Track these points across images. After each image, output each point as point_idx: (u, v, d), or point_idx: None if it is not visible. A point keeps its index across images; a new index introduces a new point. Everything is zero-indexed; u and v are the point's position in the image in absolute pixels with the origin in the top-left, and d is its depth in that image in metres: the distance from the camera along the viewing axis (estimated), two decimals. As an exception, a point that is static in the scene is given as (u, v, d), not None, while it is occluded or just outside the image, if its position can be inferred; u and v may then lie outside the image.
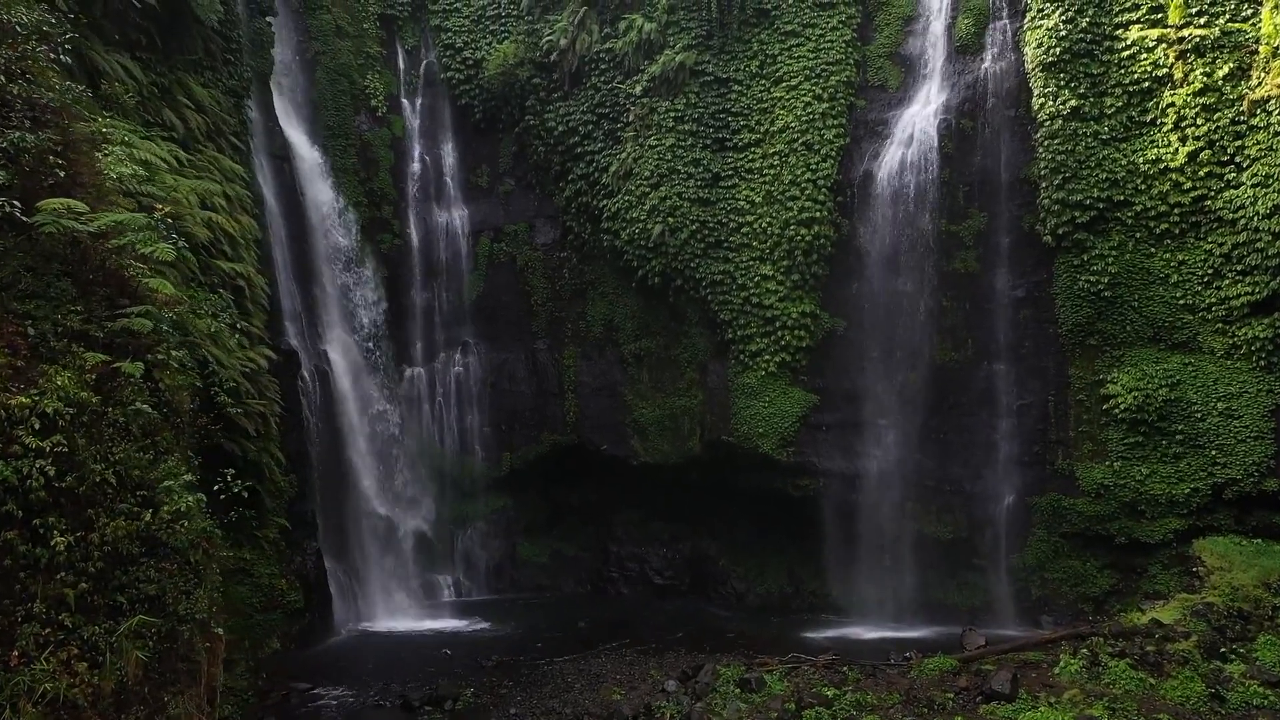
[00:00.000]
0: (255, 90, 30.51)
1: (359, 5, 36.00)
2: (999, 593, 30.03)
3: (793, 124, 32.08)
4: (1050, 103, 29.00)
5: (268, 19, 31.63)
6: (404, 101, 36.85)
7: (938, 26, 31.99)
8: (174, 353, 12.70)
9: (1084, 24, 28.73)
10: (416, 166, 36.69)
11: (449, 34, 36.76)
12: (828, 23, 32.70)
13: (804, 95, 32.19)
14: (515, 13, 36.42)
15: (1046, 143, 28.99)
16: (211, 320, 19.17)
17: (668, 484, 34.90)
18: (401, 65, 37.04)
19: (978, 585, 30.62)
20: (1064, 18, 28.95)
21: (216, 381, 19.32)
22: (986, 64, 30.73)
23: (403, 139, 36.43)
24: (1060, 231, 28.82)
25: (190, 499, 11.67)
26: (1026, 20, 29.91)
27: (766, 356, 31.76)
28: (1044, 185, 29.07)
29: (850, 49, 32.43)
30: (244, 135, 27.75)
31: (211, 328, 19.06)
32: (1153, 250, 28.12)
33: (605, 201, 33.99)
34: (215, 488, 15.26)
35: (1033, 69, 29.50)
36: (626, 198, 33.31)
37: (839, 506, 31.92)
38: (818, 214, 31.33)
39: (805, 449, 31.84)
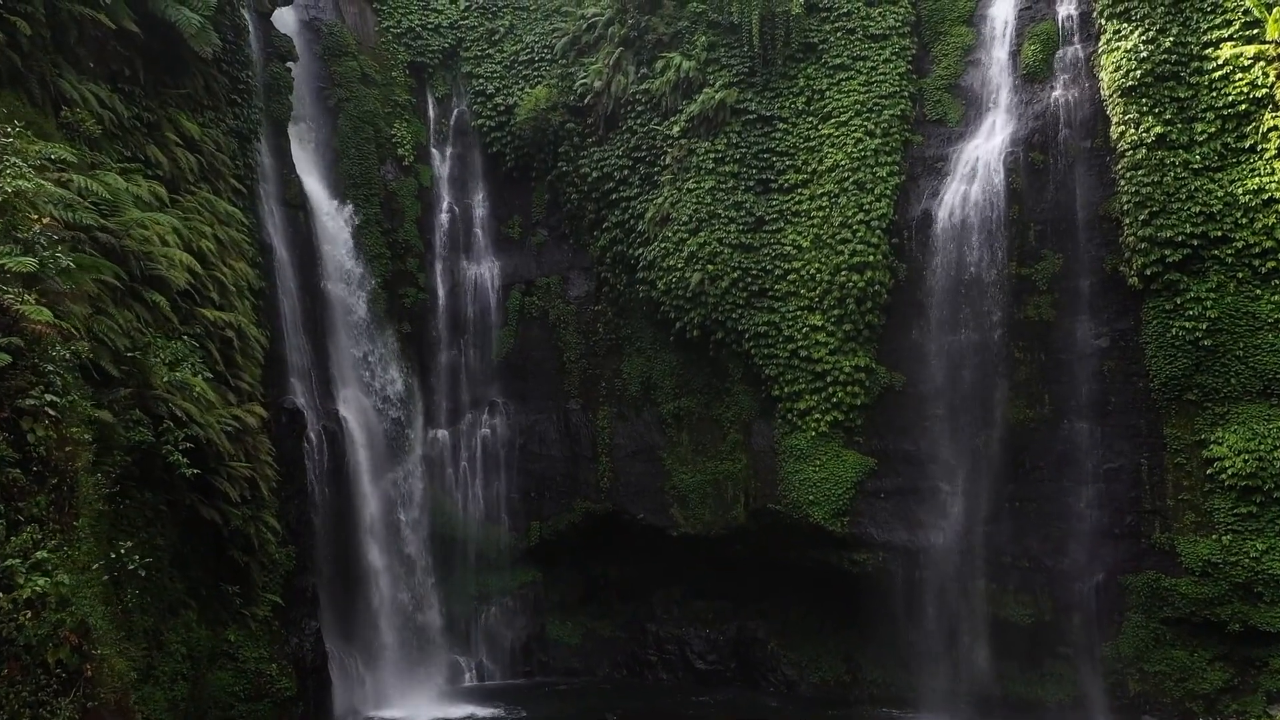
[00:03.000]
0: (270, 136, 29.00)
1: (388, 54, 34.68)
2: (1090, 687, 26.16)
3: (843, 162, 29.54)
4: (1132, 131, 26.03)
5: (287, 64, 30.25)
6: (433, 151, 35.18)
7: (1001, 55, 29.41)
8: (52, 398, 10.28)
9: (1167, 44, 25.81)
10: (445, 217, 34.84)
11: (480, 80, 35.21)
12: (880, 55, 30.32)
13: (855, 131, 29.71)
14: (549, 57, 34.81)
15: (1129, 174, 25.96)
16: (169, 370, 16.89)
17: (710, 557, 31.84)
18: (431, 114, 35.49)
19: (1064, 677, 26.79)
20: (1144, 38, 26.08)
21: (171, 440, 16.94)
22: (1057, 92, 27.97)
23: (431, 189, 34.65)
24: (1148, 272, 25.55)
25: (43, 582, 9.11)
26: (1101, 43, 27.14)
27: (817, 415, 28.77)
28: (1127, 221, 25.97)
29: (905, 82, 30.01)
30: (249, 179, 26.03)
31: (167, 377, 16.78)
32: (1258, 292, 24.63)
33: (641, 250, 31.65)
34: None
35: (1110, 95, 26.63)
36: (663, 244, 30.90)
37: (902, 584, 28.54)
38: (871, 258, 28.54)
39: (862, 519, 28.60)
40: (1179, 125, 25.62)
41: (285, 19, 31.62)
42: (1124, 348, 26.43)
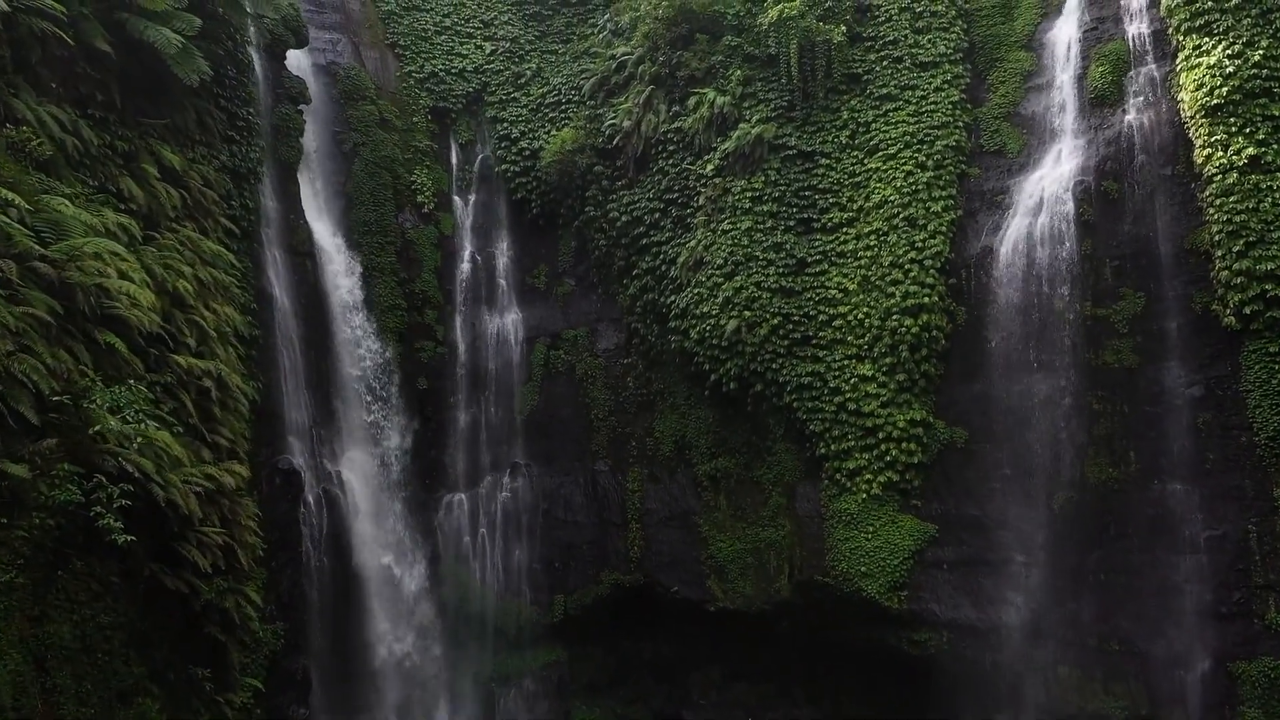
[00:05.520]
0: (276, 179, 27.44)
1: (410, 99, 33.13)
2: (1197, 796, 22.41)
3: (892, 197, 27.05)
4: (1220, 154, 23.24)
5: (299, 107, 28.76)
6: (455, 198, 33.30)
7: (1065, 79, 26.99)
8: None
9: (1256, 58, 23.14)
10: (466, 267, 32.78)
11: (505, 125, 33.45)
12: (930, 83, 28.08)
13: (904, 164, 27.31)
14: (576, 99, 33.01)
15: (1219, 202, 23.08)
16: (108, 417, 14.61)
17: (752, 634, 28.80)
18: (454, 160, 33.71)
19: (1165, 783, 23.03)
20: (1229, 52, 23.45)
21: (103, 499, 14.57)
22: (1130, 116, 25.35)
23: (451, 237, 32.68)
24: (1247, 310, 22.46)
25: None
26: (1179, 61, 24.53)
27: (868, 476, 25.88)
28: (1219, 254, 23.01)
29: (958, 111, 27.71)
30: (245, 221, 24.22)
31: (100, 426, 14.51)
32: (1380, 330, 21.39)
33: (673, 297, 29.23)
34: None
35: (1192, 116, 23.93)
36: (697, 290, 28.48)
37: (971, 669, 25.29)
38: (926, 300, 25.84)
39: (922, 593, 25.50)
40: (1275, 146, 22.80)
41: (300, 62, 30.26)
42: (1221, 397, 23.18)
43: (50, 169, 16.89)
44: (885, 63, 28.62)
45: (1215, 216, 23.11)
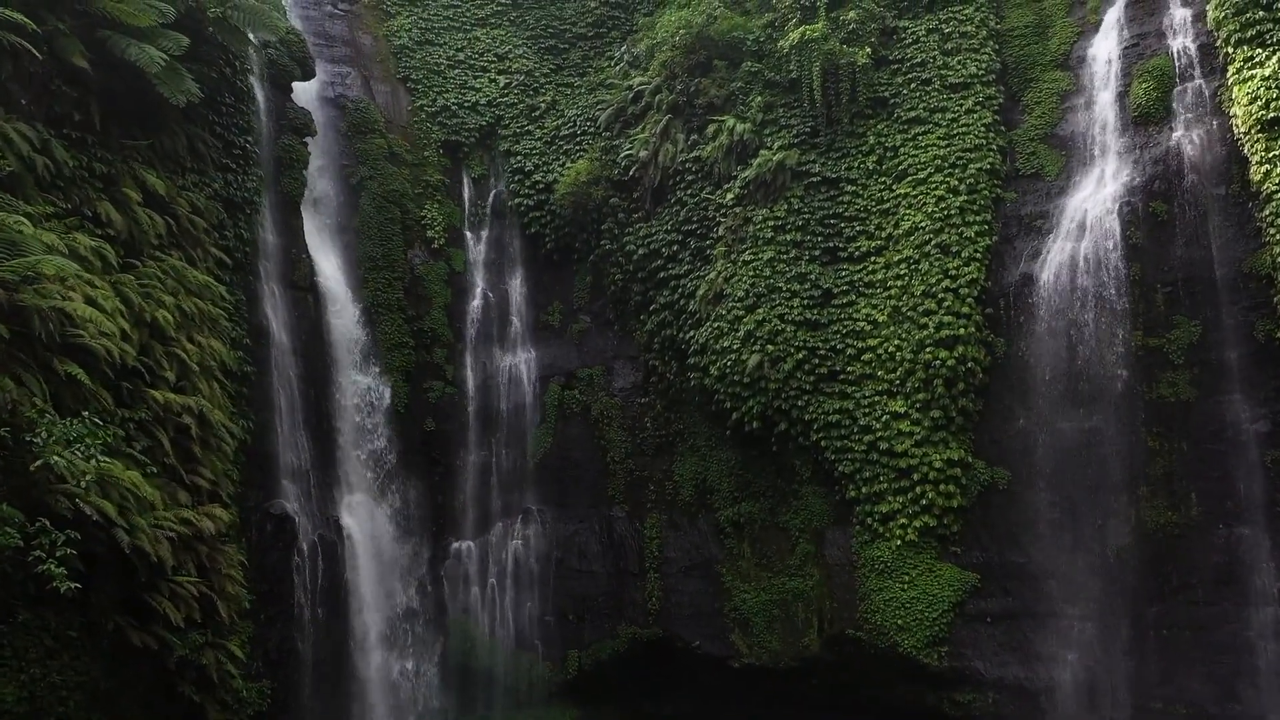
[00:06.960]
0: (278, 212, 26.40)
1: (421, 133, 32.20)
2: None
3: (923, 223, 25.52)
4: (1279, 170, 21.46)
5: (304, 139, 27.83)
6: (467, 233, 32.15)
7: (1105, 98, 25.48)
8: None
9: (1315, 67, 21.47)
10: (478, 304, 31.50)
11: (519, 158, 32.36)
12: (961, 105, 26.69)
13: (936, 189, 25.82)
14: (592, 130, 31.90)
15: (1280, 222, 21.29)
16: (62, 453, 13.20)
17: (780, 693, 26.80)
18: (467, 195, 32.62)
19: None
20: (1285, 62, 21.81)
21: (44, 544, 13.10)
22: (1178, 134, 23.76)
23: (463, 273, 31.46)
24: (1317, 338, 20.56)
25: None
26: (1229, 74, 23.04)
27: (903, 520, 24.02)
28: (1283, 277, 21.16)
29: (992, 133, 26.27)
30: (240, 252, 23.08)
31: (42, 460, 13.09)
32: None
33: (692, 332, 27.73)
34: None
35: (1247, 131, 22.35)
36: (717, 324, 26.96)
37: (1020, 734, 22.94)
38: (961, 331, 24.14)
39: (964, 649, 23.46)
40: (1339, 159, 21.05)
41: (307, 92, 29.44)
42: (1291, 433, 21.23)
43: (15, 188, 15.79)
44: (913, 85, 27.32)
45: (1276, 237, 21.36)
